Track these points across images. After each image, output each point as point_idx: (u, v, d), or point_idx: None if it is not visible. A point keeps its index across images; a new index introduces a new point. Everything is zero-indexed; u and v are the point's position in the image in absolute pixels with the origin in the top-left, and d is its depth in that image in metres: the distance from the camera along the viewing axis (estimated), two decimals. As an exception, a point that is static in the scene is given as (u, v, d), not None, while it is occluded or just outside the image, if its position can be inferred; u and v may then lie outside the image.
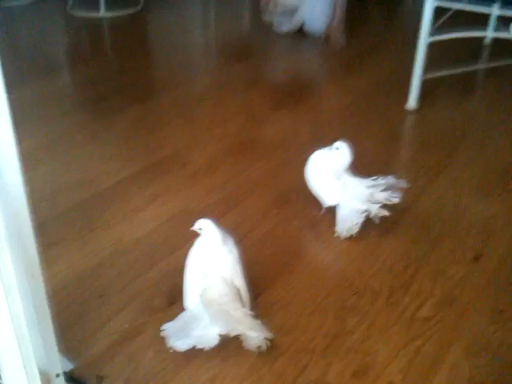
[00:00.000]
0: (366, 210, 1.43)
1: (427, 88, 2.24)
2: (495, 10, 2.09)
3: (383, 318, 1.22)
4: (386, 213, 1.44)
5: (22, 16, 3.32)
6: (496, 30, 2.18)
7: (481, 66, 2.68)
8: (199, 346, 1.07)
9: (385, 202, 1.43)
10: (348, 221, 1.44)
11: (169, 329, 1.11)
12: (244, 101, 2.32)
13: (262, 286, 1.28)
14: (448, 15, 2.09)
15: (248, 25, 3.47)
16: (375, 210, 1.42)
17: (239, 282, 1.16)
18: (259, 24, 3.09)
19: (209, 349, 1.07)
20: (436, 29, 2.07)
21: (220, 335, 1.07)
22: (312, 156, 1.52)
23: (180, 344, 1.07)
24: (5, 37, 2.97)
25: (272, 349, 1.12)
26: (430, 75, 2.16)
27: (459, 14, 2.20)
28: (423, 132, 2.11)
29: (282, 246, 1.45)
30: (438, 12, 2.09)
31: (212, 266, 1.15)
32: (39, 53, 2.84)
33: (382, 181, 1.45)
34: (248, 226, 1.51)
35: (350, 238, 1.45)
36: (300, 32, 2.99)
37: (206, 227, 1.15)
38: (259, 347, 1.10)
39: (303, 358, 1.11)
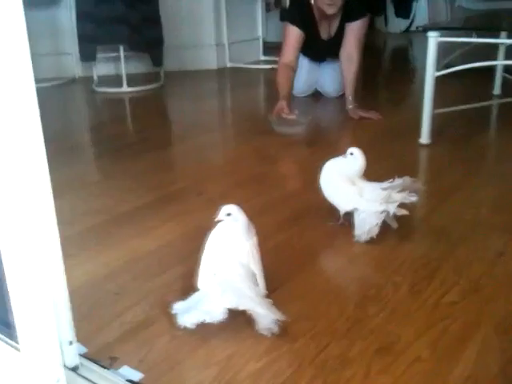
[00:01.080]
0: (384, 210, 1.41)
1: (440, 123, 2.30)
2: (503, 40, 2.16)
3: (406, 305, 1.17)
4: (405, 212, 1.42)
5: (51, 95, 3.53)
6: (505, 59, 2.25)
7: (492, 101, 2.75)
8: (208, 321, 1.03)
9: (403, 201, 1.42)
10: (367, 223, 1.42)
11: (179, 307, 1.08)
12: (257, 145, 2.38)
13: (278, 281, 1.25)
14: (458, 53, 2.18)
15: (259, 93, 3.63)
16: (394, 209, 1.41)
17: (256, 267, 1.14)
18: (272, 92, 3.22)
19: (217, 323, 1.03)
20: (447, 65, 2.15)
21: (229, 309, 1.04)
22: (325, 164, 1.54)
23: (188, 319, 1.04)
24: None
25: (291, 332, 1.07)
26: (440, 110, 2.22)
27: (472, 53, 2.30)
28: (436, 163, 2.12)
29: (298, 251, 1.43)
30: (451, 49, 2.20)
31: (230, 249, 1.14)
32: (66, 121, 3.00)
33: (398, 182, 1.44)
34: (261, 238, 1.49)
35: (368, 242, 1.42)
36: (316, 93, 3.15)
37: (234, 213, 1.14)
38: (270, 329, 1.05)
39: (324, 338, 1.06)
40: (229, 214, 1.14)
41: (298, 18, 2.66)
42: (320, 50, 2.88)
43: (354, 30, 2.75)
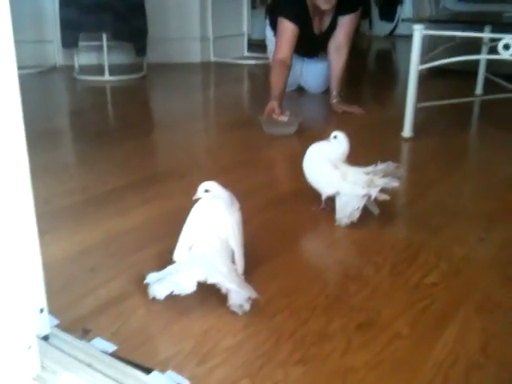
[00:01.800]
0: (366, 194, 1.40)
1: (423, 118, 2.31)
2: (486, 34, 2.18)
3: (387, 285, 1.15)
4: (386, 197, 1.41)
5: (31, 83, 3.46)
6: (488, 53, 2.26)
7: (474, 98, 2.78)
8: (176, 292, 1.00)
9: (385, 186, 1.41)
10: (349, 207, 1.41)
11: (151, 278, 1.06)
12: (242, 135, 2.36)
13: (259, 259, 1.22)
14: (441, 48, 2.19)
15: (243, 87, 3.61)
16: (375, 193, 1.39)
17: (235, 244, 1.11)
18: (256, 87, 3.21)
19: (185, 295, 1.00)
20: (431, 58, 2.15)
21: (198, 282, 1.00)
22: (309, 148, 1.52)
23: (158, 289, 1.02)
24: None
25: (270, 308, 1.05)
26: (423, 104, 2.23)
27: (456, 50, 2.31)
28: (418, 155, 2.13)
29: (280, 233, 1.41)
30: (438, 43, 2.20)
31: (209, 223, 1.11)
32: (46, 107, 2.94)
33: (381, 167, 1.43)
34: (243, 220, 1.47)
35: (349, 226, 1.41)
36: (299, 88, 3.14)
37: (212, 188, 1.11)
38: (242, 306, 1.03)
39: (303, 314, 1.04)
40: (207, 191, 1.11)
41: (294, 13, 2.62)
42: (311, 45, 2.85)
43: (346, 24, 2.74)
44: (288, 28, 2.60)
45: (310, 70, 3.08)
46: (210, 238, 1.09)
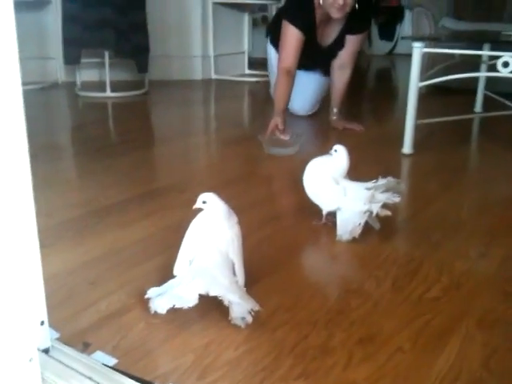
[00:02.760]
0: (367, 210, 1.40)
1: (423, 135, 2.33)
2: (486, 52, 2.20)
3: (388, 299, 1.15)
4: (388, 213, 1.41)
5: (34, 98, 3.49)
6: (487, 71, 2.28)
7: (474, 115, 2.79)
8: (178, 305, 1.00)
9: (387, 202, 1.41)
10: (350, 223, 1.41)
11: (152, 292, 1.06)
12: (242, 150, 2.37)
13: (259, 274, 1.22)
14: (441, 66, 2.21)
15: (244, 103, 3.64)
16: (377, 209, 1.40)
17: (235, 256, 1.11)
18: (256, 104, 3.22)
19: (188, 308, 1.00)
20: (430, 76, 2.17)
21: (206, 297, 1.00)
22: (309, 163, 1.53)
23: (159, 303, 1.01)
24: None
25: (271, 322, 1.05)
26: (423, 121, 2.24)
27: (455, 68, 2.32)
28: (419, 171, 2.14)
29: (280, 247, 1.41)
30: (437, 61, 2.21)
31: (209, 237, 1.11)
32: (48, 122, 2.96)
33: (382, 182, 1.44)
34: (243, 234, 1.46)
35: (350, 241, 1.41)
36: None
37: (210, 200, 1.12)
38: (244, 319, 1.02)
39: (304, 329, 1.04)
40: (204, 202, 1.12)
41: (301, 19, 2.44)
42: (312, 57, 2.67)
43: (353, 43, 2.63)
44: (293, 34, 2.44)
45: (298, 89, 2.80)
46: (210, 251, 1.10)
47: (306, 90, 2.93)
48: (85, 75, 3.80)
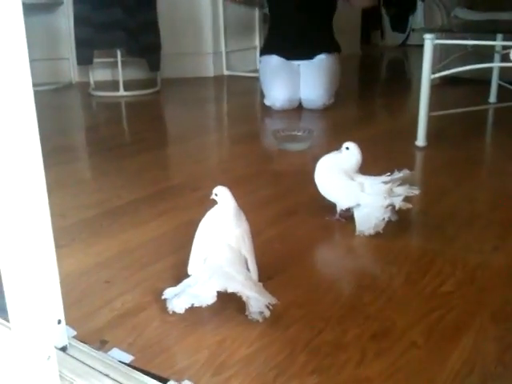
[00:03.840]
0: (390, 204, 1.38)
1: (437, 127, 2.31)
2: (497, 42, 2.17)
3: (402, 294, 1.15)
4: (409, 205, 1.40)
5: (48, 99, 3.52)
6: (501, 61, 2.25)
7: (488, 106, 2.76)
8: (196, 304, 1.01)
9: (406, 194, 1.40)
10: (373, 218, 1.39)
11: (169, 292, 1.07)
12: (254, 147, 2.38)
13: (272, 271, 1.23)
14: (453, 57, 2.19)
15: (256, 100, 3.63)
16: (399, 202, 1.38)
17: (247, 253, 1.12)
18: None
19: (206, 306, 1.01)
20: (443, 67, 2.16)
21: (220, 296, 1.02)
22: (320, 160, 1.53)
23: (177, 303, 1.03)
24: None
25: (284, 319, 1.06)
26: (436, 113, 2.23)
27: (468, 59, 2.30)
28: (433, 164, 2.12)
29: (293, 243, 1.41)
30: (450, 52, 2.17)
31: (220, 234, 1.12)
32: (62, 123, 2.99)
33: (397, 175, 1.42)
34: (256, 231, 1.46)
35: (362, 236, 1.41)
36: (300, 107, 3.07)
37: (221, 194, 1.13)
38: (262, 313, 1.03)
39: (318, 324, 1.04)
40: (216, 195, 1.13)
41: None
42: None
43: None
44: None
45: (307, 79, 2.91)
46: (223, 248, 1.10)
47: (316, 80, 2.90)
48: (98, 75, 3.83)
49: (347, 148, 1.48)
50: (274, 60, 3.01)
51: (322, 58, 2.96)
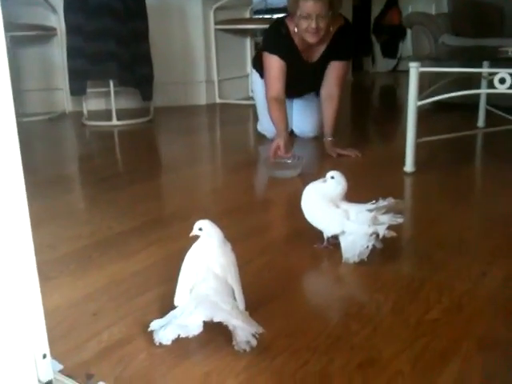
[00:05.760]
0: (374, 232, 1.39)
1: (425, 153, 2.34)
2: (482, 69, 2.21)
3: (388, 322, 1.16)
4: (393, 234, 1.41)
5: (42, 129, 3.55)
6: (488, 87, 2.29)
7: (476, 131, 2.80)
8: (183, 335, 1.01)
9: (390, 223, 1.41)
10: (358, 245, 1.40)
11: (156, 324, 1.07)
12: (245, 176, 2.40)
13: (260, 300, 1.23)
14: (440, 84, 2.23)
15: (248, 127, 3.66)
16: (383, 230, 1.39)
17: (233, 281, 1.13)
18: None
19: (193, 337, 1.02)
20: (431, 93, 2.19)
21: (207, 327, 1.02)
22: (306, 188, 1.54)
23: (164, 334, 1.03)
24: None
25: (271, 349, 1.06)
26: (424, 139, 2.26)
27: (455, 85, 2.34)
28: (421, 190, 2.14)
29: (281, 272, 1.42)
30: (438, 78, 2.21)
31: (206, 264, 1.13)
32: (56, 152, 3.02)
33: (382, 203, 1.44)
34: (244, 261, 1.47)
35: (351, 263, 1.42)
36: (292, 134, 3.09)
37: (205, 227, 1.14)
38: (248, 343, 1.03)
39: (304, 355, 1.04)
40: (201, 229, 1.14)
41: (279, 47, 2.57)
42: (303, 76, 2.72)
43: (337, 69, 2.67)
44: (274, 63, 2.56)
45: (300, 113, 2.99)
46: (209, 278, 1.11)
47: (308, 114, 2.96)
48: (91, 104, 3.87)
49: (332, 177, 1.50)
50: None
51: (314, 98, 2.97)
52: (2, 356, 0.85)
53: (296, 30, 2.53)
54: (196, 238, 1.16)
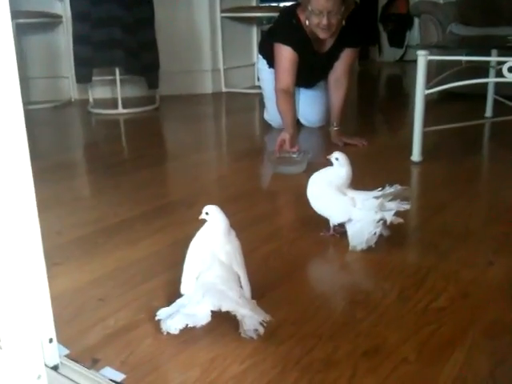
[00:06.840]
0: (381, 219, 1.39)
1: (432, 142, 2.32)
2: (491, 58, 2.19)
3: (394, 310, 1.15)
4: (401, 220, 1.40)
5: (48, 117, 3.54)
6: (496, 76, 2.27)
7: (483, 120, 2.78)
8: (191, 324, 1.01)
9: (397, 209, 1.40)
10: (365, 233, 1.39)
11: (162, 313, 1.07)
12: (250, 164, 2.39)
13: (266, 288, 1.23)
14: (451, 71, 2.21)
15: (253, 116, 3.65)
16: (390, 216, 1.38)
17: (239, 268, 1.12)
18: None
19: (201, 326, 1.02)
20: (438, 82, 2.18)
21: (213, 313, 1.02)
22: (312, 176, 1.54)
23: (171, 324, 1.03)
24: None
25: (276, 335, 1.06)
26: (431, 128, 2.24)
27: (463, 75, 2.31)
28: (428, 179, 2.13)
29: (287, 260, 1.42)
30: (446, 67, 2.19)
31: (211, 252, 1.12)
32: (62, 140, 3.02)
33: (389, 190, 1.43)
34: (250, 248, 1.46)
35: (359, 251, 1.41)
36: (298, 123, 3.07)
37: (211, 212, 1.14)
38: (256, 331, 1.03)
39: (309, 342, 1.04)
40: (207, 214, 1.14)
41: (291, 37, 2.52)
42: (314, 66, 2.68)
43: (346, 56, 2.64)
44: (286, 54, 2.51)
45: (307, 102, 2.96)
46: (215, 265, 1.11)
47: (316, 104, 2.94)
48: (97, 92, 3.86)
49: (336, 158, 1.48)
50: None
51: (321, 83, 2.96)
52: (9, 340, 0.86)
53: (307, 23, 2.47)
54: (203, 222, 1.15)
